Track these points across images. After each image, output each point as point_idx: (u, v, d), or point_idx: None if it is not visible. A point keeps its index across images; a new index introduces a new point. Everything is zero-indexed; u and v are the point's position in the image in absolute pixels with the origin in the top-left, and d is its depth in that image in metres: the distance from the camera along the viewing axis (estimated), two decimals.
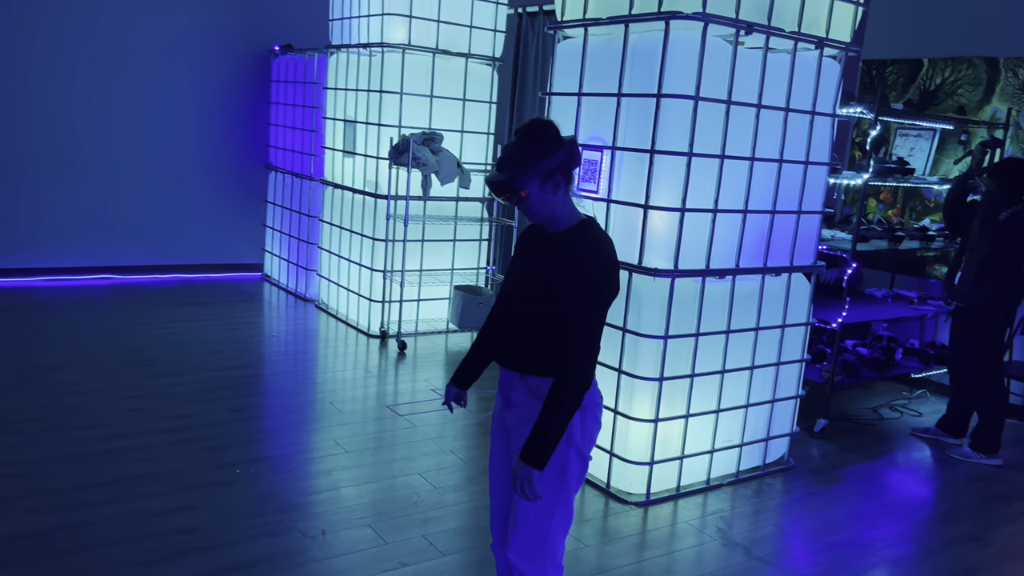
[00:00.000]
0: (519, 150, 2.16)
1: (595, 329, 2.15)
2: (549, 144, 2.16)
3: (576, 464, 2.26)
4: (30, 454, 3.77)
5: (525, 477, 2.14)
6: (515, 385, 2.29)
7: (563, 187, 2.20)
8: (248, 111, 7.97)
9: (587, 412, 2.25)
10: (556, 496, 2.26)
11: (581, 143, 3.92)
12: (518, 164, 2.14)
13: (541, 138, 2.16)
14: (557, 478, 2.24)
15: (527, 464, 2.14)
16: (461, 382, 2.53)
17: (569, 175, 2.22)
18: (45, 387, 4.62)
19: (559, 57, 4.11)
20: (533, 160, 2.14)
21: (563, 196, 2.21)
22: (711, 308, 3.84)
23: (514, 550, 2.31)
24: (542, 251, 2.25)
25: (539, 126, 2.19)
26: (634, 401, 3.78)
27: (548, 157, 2.14)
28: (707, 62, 3.52)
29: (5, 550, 2.98)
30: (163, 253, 7.71)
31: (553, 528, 2.29)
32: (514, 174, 2.14)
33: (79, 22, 6.94)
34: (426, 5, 5.99)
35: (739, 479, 4.17)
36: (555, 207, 2.21)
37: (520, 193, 2.15)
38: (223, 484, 3.66)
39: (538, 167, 2.13)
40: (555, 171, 2.16)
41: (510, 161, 2.16)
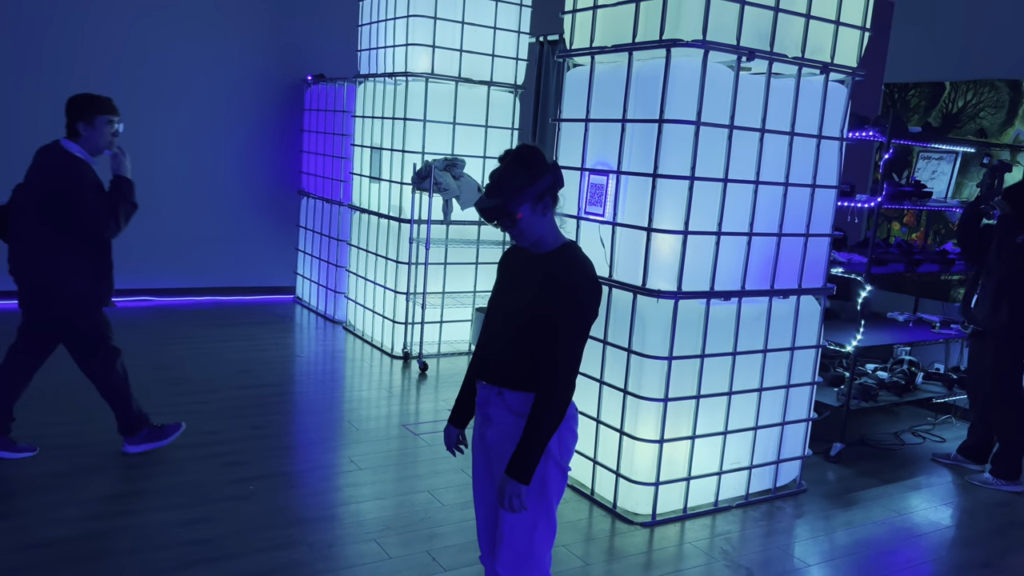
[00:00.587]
0: (509, 175, 2.25)
1: (577, 347, 2.23)
2: (537, 168, 2.25)
3: (555, 476, 2.33)
4: (57, 467, 3.94)
5: (513, 492, 2.22)
6: (492, 401, 2.37)
7: (550, 209, 2.29)
8: (282, 139, 8.23)
9: (563, 425, 2.31)
10: (538, 509, 2.33)
11: (589, 168, 4.01)
12: (510, 189, 2.23)
13: (529, 162, 2.26)
14: (538, 491, 2.31)
15: (513, 479, 2.21)
16: (459, 421, 2.57)
17: (555, 197, 2.31)
18: (78, 403, 4.81)
19: (568, 84, 4.22)
20: (524, 184, 2.23)
21: (549, 218, 2.31)
22: (717, 330, 3.88)
23: (502, 564, 2.38)
24: (526, 271, 2.33)
25: (527, 151, 2.29)
26: (639, 421, 3.82)
27: (538, 180, 2.24)
28: (709, 88, 3.59)
29: (27, 557, 3.13)
30: (199, 276, 7.97)
31: (537, 540, 2.35)
32: (507, 199, 2.22)
33: (126, 57, 7.28)
34: (449, 35, 6.17)
35: (749, 502, 4.17)
36: (543, 230, 2.30)
37: (515, 217, 2.24)
38: (239, 498, 3.78)
39: (529, 191, 2.22)
40: (544, 193, 2.26)
41: (501, 186, 2.24)
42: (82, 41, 7.11)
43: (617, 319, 3.90)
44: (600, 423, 4.01)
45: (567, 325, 2.20)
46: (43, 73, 6.98)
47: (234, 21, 7.75)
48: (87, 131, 3.94)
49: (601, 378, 3.98)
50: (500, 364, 2.34)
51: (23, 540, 3.25)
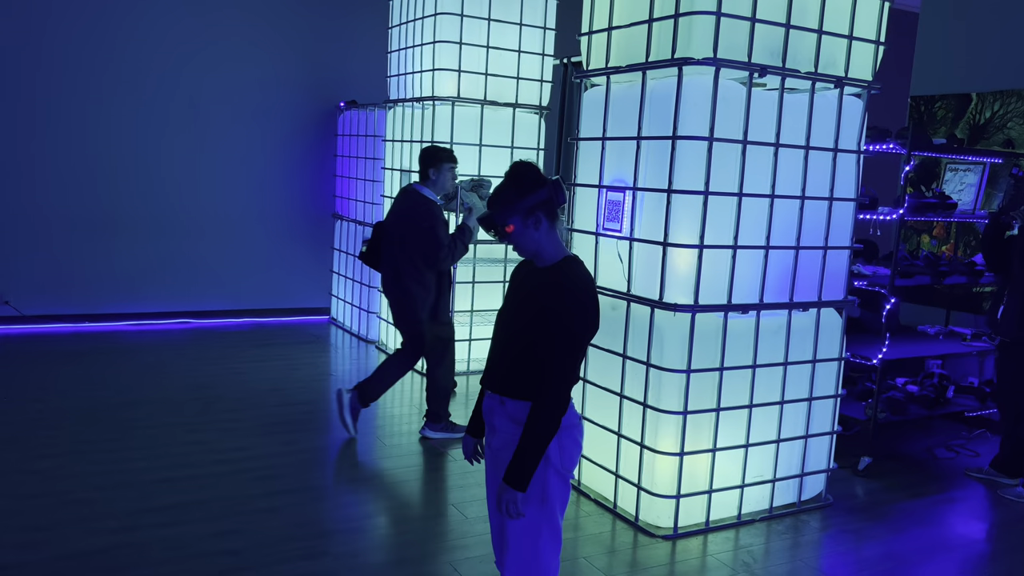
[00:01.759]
0: (501, 189, 2.39)
1: (571, 359, 2.29)
2: (528, 184, 2.36)
3: (556, 484, 2.38)
4: (97, 481, 4.10)
5: (510, 499, 2.30)
6: (496, 411, 2.45)
7: (545, 223, 2.38)
8: (316, 164, 8.45)
9: (564, 433, 2.37)
10: (540, 515, 2.38)
11: (606, 184, 4.08)
12: (501, 202, 2.36)
13: (521, 178, 2.37)
14: (539, 498, 2.37)
15: (510, 487, 2.29)
16: (476, 431, 2.65)
17: (552, 212, 2.39)
18: (119, 421, 4.99)
19: (586, 104, 4.30)
20: (514, 198, 2.34)
21: (546, 232, 2.38)
22: (736, 343, 3.90)
23: (509, 569, 2.44)
24: (528, 283, 2.42)
25: (520, 167, 2.41)
26: (659, 434, 3.85)
27: (528, 195, 2.34)
28: (722, 104, 3.65)
29: (62, 567, 3.27)
30: (237, 298, 8.19)
31: (542, 546, 2.41)
32: (497, 211, 2.36)
33: (163, 87, 7.57)
34: (474, 59, 6.31)
35: (772, 515, 4.16)
36: (539, 243, 2.38)
37: (506, 229, 2.35)
38: (269, 511, 3.90)
39: (518, 204, 2.33)
40: (535, 208, 2.35)
41: (496, 199, 2.38)
42: (121, 69, 7.41)
43: (636, 333, 3.94)
44: (621, 436, 4.05)
45: (559, 336, 2.27)
46: (86, 102, 7.29)
47: (269, 51, 8.01)
48: (436, 176, 4.88)
49: (621, 392, 4.02)
50: (502, 373, 2.42)
51: (59, 551, 3.39)
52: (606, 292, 4.08)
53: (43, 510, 3.75)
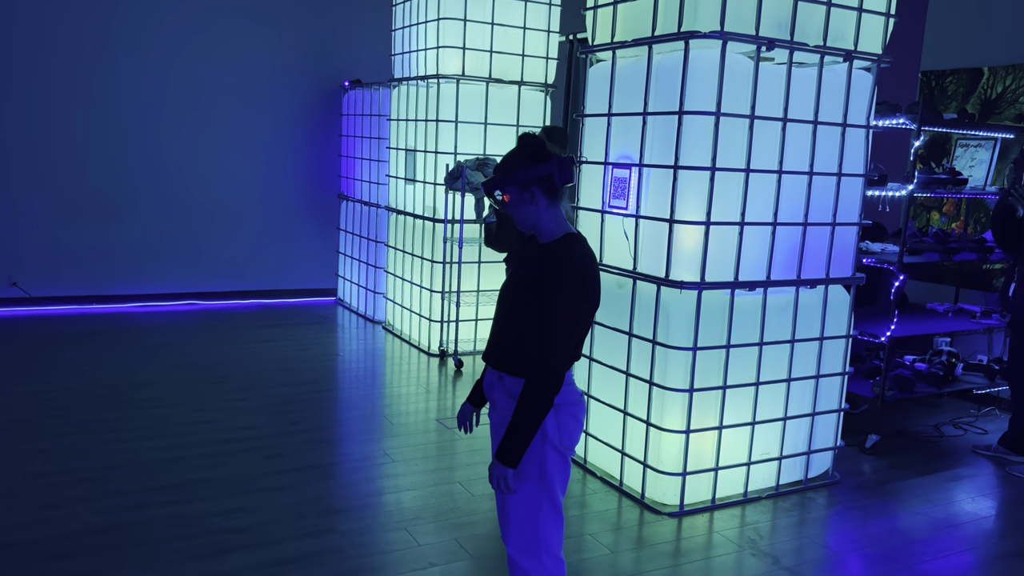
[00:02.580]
0: (507, 159, 2.37)
1: (563, 336, 2.24)
2: (532, 157, 2.32)
3: (554, 460, 2.36)
4: (105, 460, 4.12)
5: (500, 475, 2.29)
6: (495, 386, 2.43)
7: (543, 200, 2.33)
8: (321, 144, 8.42)
9: (562, 410, 2.35)
10: (540, 492, 2.37)
11: (612, 161, 4.05)
12: (502, 171, 2.35)
13: (526, 150, 2.34)
14: (538, 475, 2.35)
15: (500, 463, 2.28)
16: (476, 401, 2.63)
17: (551, 189, 2.33)
18: (128, 401, 5.01)
19: (591, 80, 4.26)
20: (514, 169, 2.32)
21: (545, 209, 2.34)
22: (743, 320, 3.88)
23: (511, 544, 2.43)
24: (530, 260, 2.39)
25: (527, 139, 2.37)
26: (665, 412, 3.84)
27: (528, 168, 2.30)
28: (729, 79, 3.61)
29: (73, 544, 3.29)
30: (243, 279, 8.19)
31: (542, 522, 2.40)
32: (496, 179, 2.34)
33: (167, 68, 7.53)
34: (479, 37, 6.26)
35: (779, 492, 4.16)
36: (537, 218, 2.34)
37: (503, 197, 2.33)
38: (275, 489, 3.91)
39: (516, 176, 2.31)
40: (532, 183, 2.31)
41: (499, 167, 2.37)
42: (125, 50, 7.37)
43: (641, 311, 3.92)
44: (627, 414, 4.04)
45: (552, 311, 2.23)
46: (91, 84, 7.26)
47: (273, 30, 7.96)
48: None
49: (627, 370, 4.01)
50: (500, 350, 2.40)
51: (71, 528, 3.41)
52: (612, 270, 4.05)
53: (51, 488, 3.77)
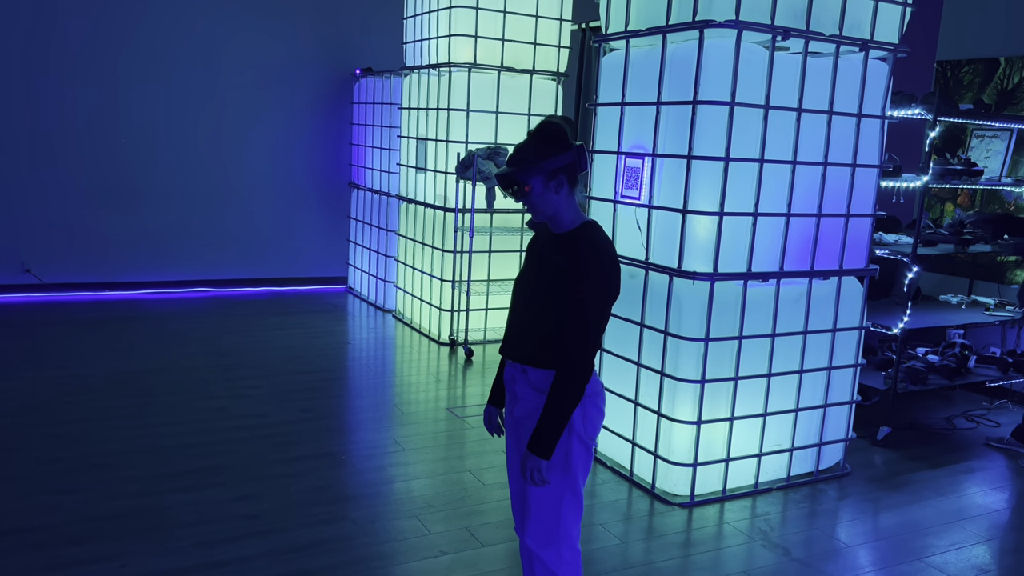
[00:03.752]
0: (528, 147, 2.30)
1: (595, 325, 2.25)
2: (557, 144, 2.28)
3: (579, 451, 2.37)
4: (119, 447, 4.15)
5: (534, 467, 2.27)
6: (518, 379, 2.42)
7: (567, 188, 2.32)
8: (332, 132, 8.41)
9: (588, 401, 2.35)
10: (563, 483, 2.37)
11: (625, 151, 4.03)
12: (525, 160, 2.28)
13: (550, 137, 2.29)
14: (562, 466, 2.35)
15: (534, 455, 2.27)
16: (498, 401, 2.62)
17: (574, 177, 2.33)
18: (140, 388, 5.04)
19: (604, 69, 4.24)
20: (539, 158, 2.26)
21: (566, 197, 2.33)
22: (755, 311, 3.87)
23: (530, 536, 2.43)
24: (547, 251, 2.37)
25: (549, 127, 2.31)
26: (676, 403, 3.83)
27: (554, 156, 2.27)
28: (743, 68, 3.58)
29: (90, 528, 3.32)
30: (255, 267, 8.22)
31: (564, 513, 2.40)
32: (520, 169, 2.28)
33: (178, 54, 7.54)
34: (491, 25, 6.23)
35: (790, 484, 4.15)
36: (558, 207, 2.32)
37: (524, 188, 2.28)
38: (287, 476, 3.93)
39: (543, 165, 2.26)
40: (559, 171, 2.28)
41: (518, 156, 2.30)
42: (139, 39, 7.38)
43: (653, 301, 3.92)
44: (638, 405, 4.04)
45: (583, 301, 2.22)
46: (105, 71, 7.28)
47: (283, 17, 7.95)
48: None
49: (639, 360, 4.01)
50: (523, 342, 2.38)
51: (87, 512, 3.44)
52: (624, 260, 4.04)
53: (66, 474, 3.80)
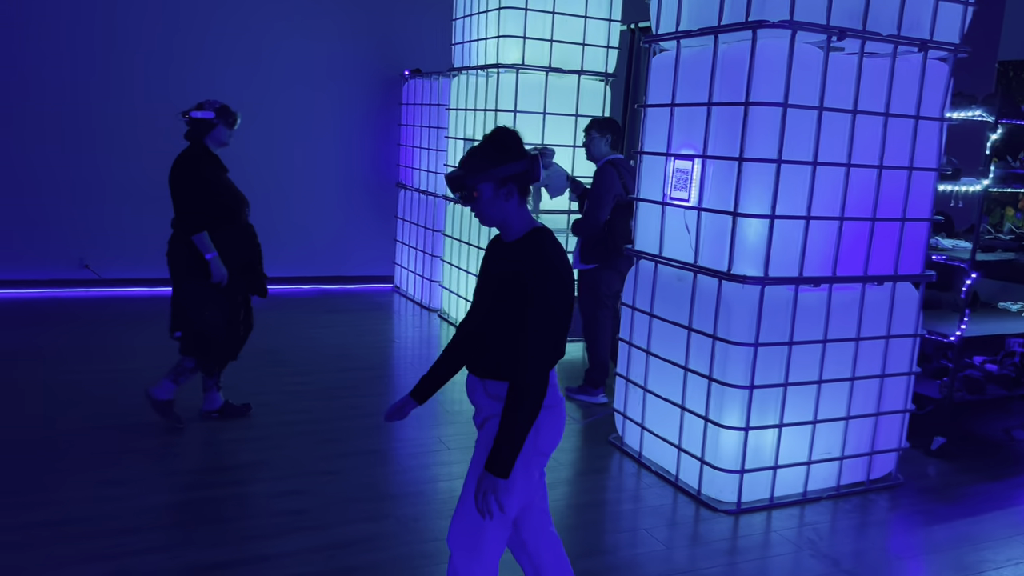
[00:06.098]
0: (480, 152, 2.24)
1: (547, 334, 2.17)
2: (509, 152, 2.22)
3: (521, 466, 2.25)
4: (170, 438, 4.25)
5: (490, 487, 2.16)
6: (477, 389, 2.37)
7: (517, 196, 2.25)
8: (381, 133, 8.50)
9: (544, 413, 2.28)
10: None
11: (674, 152, 3.99)
12: (476, 165, 2.22)
13: (503, 144, 2.23)
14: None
15: (491, 474, 2.15)
16: (420, 396, 2.53)
17: (525, 187, 2.26)
18: (192, 383, 5.13)
19: (654, 70, 4.20)
20: (490, 163, 2.21)
21: (516, 205, 2.26)
22: (806, 316, 3.79)
23: (451, 535, 2.34)
24: (498, 260, 2.31)
25: (503, 133, 2.26)
26: (724, 409, 3.78)
27: (505, 164, 2.21)
28: (797, 69, 3.52)
29: (138, 520, 3.40)
30: (304, 265, 8.34)
31: (488, 529, 2.27)
32: (469, 173, 2.22)
33: (230, 56, 7.68)
34: (539, 26, 6.22)
35: (840, 493, 4.06)
36: (507, 214, 2.26)
37: (473, 193, 2.22)
38: (332, 473, 3.97)
39: (493, 171, 2.20)
40: (510, 179, 2.22)
41: (470, 160, 2.24)
42: (190, 37, 7.54)
43: (702, 305, 3.87)
44: (685, 409, 3.99)
45: (534, 311, 2.14)
46: (157, 71, 7.46)
47: (334, 18, 8.05)
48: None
49: (686, 364, 3.96)
50: (477, 353, 2.31)
51: (136, 504, 3.53)
52: (671, 263, 4.00)
53: (120, 466, 3.89)
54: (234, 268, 4.29)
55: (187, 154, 4.25)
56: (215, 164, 4.33)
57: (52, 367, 5.30)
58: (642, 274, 4.30)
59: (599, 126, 5.16)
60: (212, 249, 4.18)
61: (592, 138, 5.15)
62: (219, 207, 4.22)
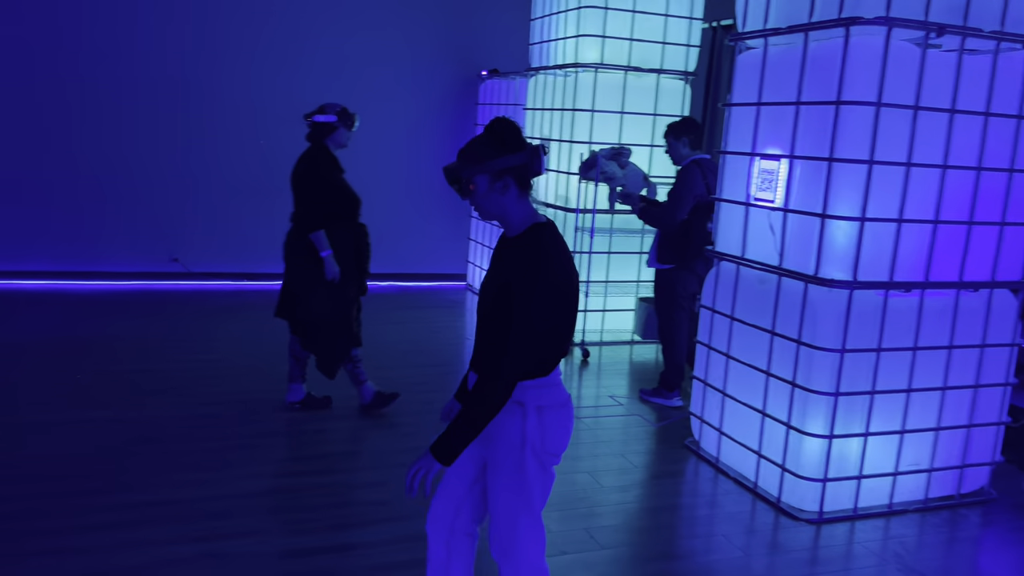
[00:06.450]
0: (476, 144, 2.18)
1: (529, 331, 2.11)
2: (506, 144, 2.16)
3: (534, 467, 2.21)
4: (259, 428, 4.39)
5: (424, 467, 2.10)
6: None
7: (514, 190, 2.19)
8: (457, 133, 8.58)
9: (546, 413, 2.21)
10: (517, 502, 2.22)
11: (759, 152, 3.92)
12: (471, 156, 2.16)
13: (500, 136, 2.16)
14: (516, 483, 2.21)
15: (433, 455, 2.10)
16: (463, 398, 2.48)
17: (525, 180, 2.20)
18: (278, 375, 5.26)
19: (739, 68, 4.14)
20: (486, 156, 2.14)
21: (515, 199, 2.20)
22: (896, 322, 3.68)
23: (492, 544, 2.31)
24: (499, 256, 2.27)
25: (501, 124, 2.18)
26: (807, 415, 3.70)
27: (502, 156, 2.14)
28: (892, 67, 3.42)
29: (227, 505, 3.52)
30: (380, 263, 8.42)
31: (520, 533, 2.23)
32: (464, 165, 2.16)
33: (307, 52, 7.87)
34: (619, 25, 6.19)
35: (928, 506, 3.93)
36: (505, 209, 2.20)
37: (468, 185, 2.16)
38: None
39: (489, 164, 2.13)
40: (507, 172, 2.15)
41: (466, 153, 2.18)
42: (273, 37, 7.76)
43: (786, 308, 3.79)
44: (766, 415, 3.92)
45: (520, 309, 2.09)
46: (242, 72, 7.70)
47: (411, 19, 8.16)
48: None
49: (768, 369, 3.89)
50: (480, 350, 2.26)
51: (226, 490, 3.65)
52: (754, 265, 3.94)
53: (210, 452, 4.04)
54: (347, 265, 4.45)
55: (309, 155, 4.48)
56: (334, 165, 4.53)
57: (142, 356, 5.53)
58: (723, 276, 4.24)
59: (674, 131, 5.09)
60: (328, 247, 4.38)
61: (670, 144, 5.11)
62: (336, 206, 4.39)
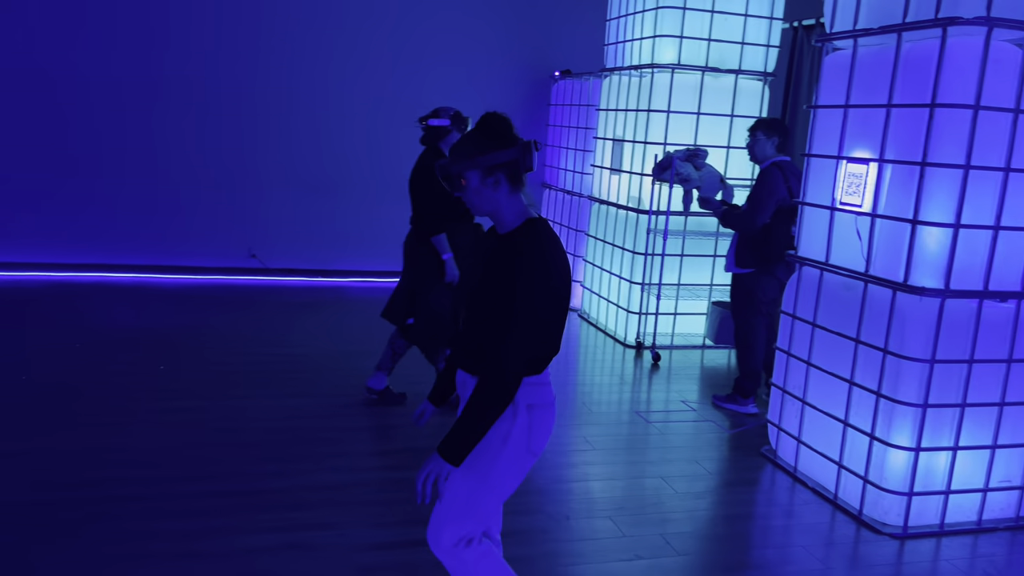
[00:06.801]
0: (468, 140, 2.17)
1: (524, 329, 2.10)
2: (497, 139, 2.15)
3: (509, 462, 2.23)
4: (335, 422, 4.46)
5: (435, 471, 2.10)
6: (468, 385, 2.31)
7: (506, 186, 2.17)
8: (528, 133, 8.58)
9: (536, 412, 2.22)
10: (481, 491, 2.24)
11: (846, 156, 3.82)
12: (462, 152, 2.15)
13: (491, 131, 2.16)
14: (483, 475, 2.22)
15: (442, 458, 2.10)
16: (436, 399, 2.52)
17: (516, 176, 2.18)
18: (351, 368, 5.36)
19: (826, 70, 4.04)
20: (477, 151, 2.13)
21: (507, 195, 2.18)
22: (990, 333, 3.54)
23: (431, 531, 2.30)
24: (491, 253, 2.23)
25: (492, 119, 2.18)
26: (893, 427, 3.58)
27: (493, 152, 2.13)
28: (990, 68, 3.29)
29: (309, 497, 3.59)
30: None
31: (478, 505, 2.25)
32: (455, 160, 2.15)
33: (381, 54, 7.99)
34: (697, 25, 6.11)
35: (1019, 524, 3.77)
36: (498, 204, 2.18)
37: (460, 181, 2.16)
38: None
39: (480, 159, 2.13)
40: (498, 167, 2.14)
41: (458, 148, 2.17)
42: (343, 39, 7.89)
43: (872, 316, 3.68)
44: (848, 425, 3.81)
45: (517, 308, 2.07)
46: (317, 77, 7.86)
47: (485, 19, 8.21)
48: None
49: (852, 378, 3.78)
50: (470, 349, 2.25)
51: (309, 481, 3.73)
52: (839, 271, 3.83)
53: (290, 444, 4.13)
54: (464, 265, 4.51)
55: (425, 159, 4.53)
56: None
57: (225, 349, 5.68)
58: (805, 281, 4.15)
59: (767, 127, 4.99)
60: (449, 250, 4.46)
61: (758, 139, 4.98)
62: (454, 209, 4.44)
